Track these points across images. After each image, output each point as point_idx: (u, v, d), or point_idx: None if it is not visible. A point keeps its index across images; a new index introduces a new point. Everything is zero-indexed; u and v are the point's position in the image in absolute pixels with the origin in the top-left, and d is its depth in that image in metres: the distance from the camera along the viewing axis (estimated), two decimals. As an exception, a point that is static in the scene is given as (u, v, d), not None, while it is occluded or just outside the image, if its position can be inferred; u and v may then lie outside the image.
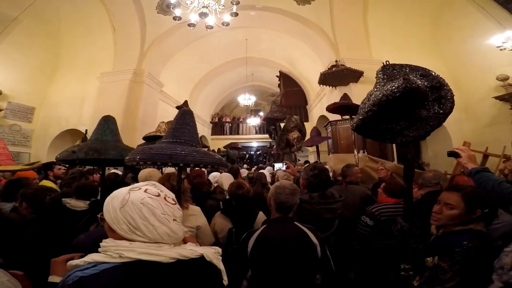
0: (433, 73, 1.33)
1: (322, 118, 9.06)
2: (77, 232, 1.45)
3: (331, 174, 4.25)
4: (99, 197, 2.16)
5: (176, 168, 1.55)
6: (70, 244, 1.25)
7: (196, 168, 3.31)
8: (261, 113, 15.91)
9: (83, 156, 1.60)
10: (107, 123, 1.89)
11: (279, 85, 12.47)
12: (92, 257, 0.70)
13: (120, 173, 4.03)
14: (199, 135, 1.95)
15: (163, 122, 4.72)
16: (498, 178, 1.36)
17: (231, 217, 2.03)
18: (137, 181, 2.35)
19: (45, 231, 1.56)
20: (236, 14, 4.56)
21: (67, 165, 3.66)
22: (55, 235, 1.53)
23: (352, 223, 2.23)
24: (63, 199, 1.99)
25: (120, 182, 2.85)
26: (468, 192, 1.25)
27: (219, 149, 10.89)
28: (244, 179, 3.67)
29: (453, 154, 1.54)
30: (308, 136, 6.11)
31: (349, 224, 2.23)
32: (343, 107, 4.52)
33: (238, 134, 14.45)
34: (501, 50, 5.24)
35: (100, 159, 1.72)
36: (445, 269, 1.10)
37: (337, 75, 6.55)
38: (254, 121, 13.12)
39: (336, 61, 6.74)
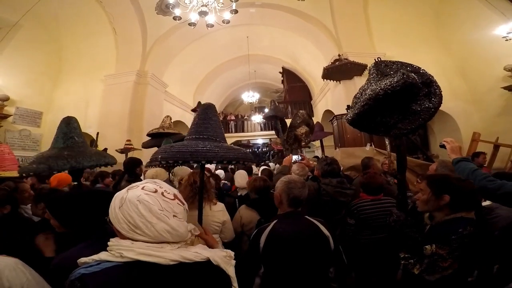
0: (422, 70, 1.39)
1: (327, 112, 8.99)
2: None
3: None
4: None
5: (197, 164, 1.50)
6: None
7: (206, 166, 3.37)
8: (266, 110, 15.86)
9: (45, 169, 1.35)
10: (61, 128, 1.60)
11: (282, 81, 12.41)
12: (100, 256, 0.71)
13: None
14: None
15: (168, 116, 4.68)
16: (474, 167, 1.48)
17: (258, 209, 2.13)
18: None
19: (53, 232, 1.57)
20: (236, 12, 4.54)
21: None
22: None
23: None
24: None
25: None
26: (432, 179, 1.36)
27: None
28: None
29: (443, 146, 1.67)
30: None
31: None
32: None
33: (243, 131, 14.45)
34: (506, 40, 5.13)
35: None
36: (444, 256, 1.13)
37: (340, 69, 6.47)
38: (258, 118, 13.10)
39: (339, 55, 6.66)
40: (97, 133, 6.41)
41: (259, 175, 3.73)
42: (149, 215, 0.71)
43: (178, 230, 0.75)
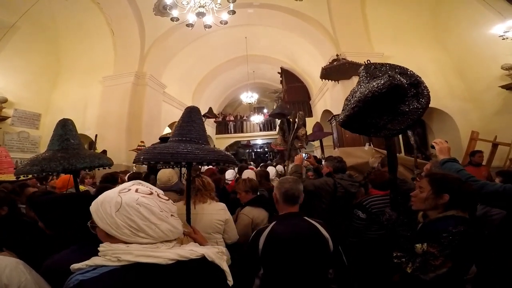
0: (410, 71, 1.42)
1: (326, 112, 9.00)
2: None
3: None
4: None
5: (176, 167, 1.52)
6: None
7: (209, 167, 3.41)
8: (265, 110, 15.88)
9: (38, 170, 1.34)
10: (57, 130, 1.57)
11: (281, 82, 12.40)
12: (93, 261, 0.70)
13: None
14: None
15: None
16: (459, 167, 1.54)
17: (265, 207, 2.21)
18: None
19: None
20: (234, 12, 4.53)
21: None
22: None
23: None
24: None
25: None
26: (434, 177, 1.35)
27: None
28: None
29: (433, 147, 1.74)
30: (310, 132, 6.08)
31: None
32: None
33: (242, 132, 14.46)
34: (503, 39, 5.14)
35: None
36: (435, 254, 1.13)
37: (338, 69, 6.48)
38: (257, 118, 13.11)
39: (337, 55, 6.67)
40: (96, 135, 6.40)
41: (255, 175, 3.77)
42: (153, 217, 0.73)
43: (178, 228, 0.79)
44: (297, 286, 1.34)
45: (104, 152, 6.03)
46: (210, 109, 7.70)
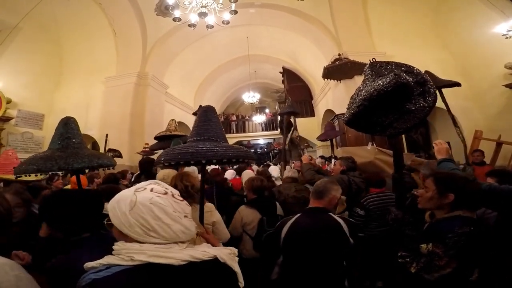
0: (416, 70, 1.41)
1: (328, 112, 8.98)
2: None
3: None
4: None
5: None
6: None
7: (214, 167, 3.42)
8: (267, 110, 15.88)
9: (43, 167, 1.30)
10: (58, 129, 1.51)
11: (283, 81, 12.39)
12: (107, 260, 0.70)
13: None
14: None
15: (173, 120, 4.75)
16: (452, 166, 1.57)
17: (258, 208, 2.23)
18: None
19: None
20: (236, 12, 4.53)
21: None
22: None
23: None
24: None
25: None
26: (438, 176, 1.34)
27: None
28: None
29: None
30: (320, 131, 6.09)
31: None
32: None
33: (244, 132, 14.47)
34: (506, 38, 5.10)
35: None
36: (439, 255, 1.12)
37: (340, 69, 6.46)
38: (259, 118, 13.10)
39: (339, 55, 6.65)
40: (106, 135, 6.41)
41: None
42: (165, 217, 0.72)
43: (191, 230, 0.78)
44: (314, 276, 1.40)
45: (115, 151, 6.02)
46: (200, 107, 7.69)
